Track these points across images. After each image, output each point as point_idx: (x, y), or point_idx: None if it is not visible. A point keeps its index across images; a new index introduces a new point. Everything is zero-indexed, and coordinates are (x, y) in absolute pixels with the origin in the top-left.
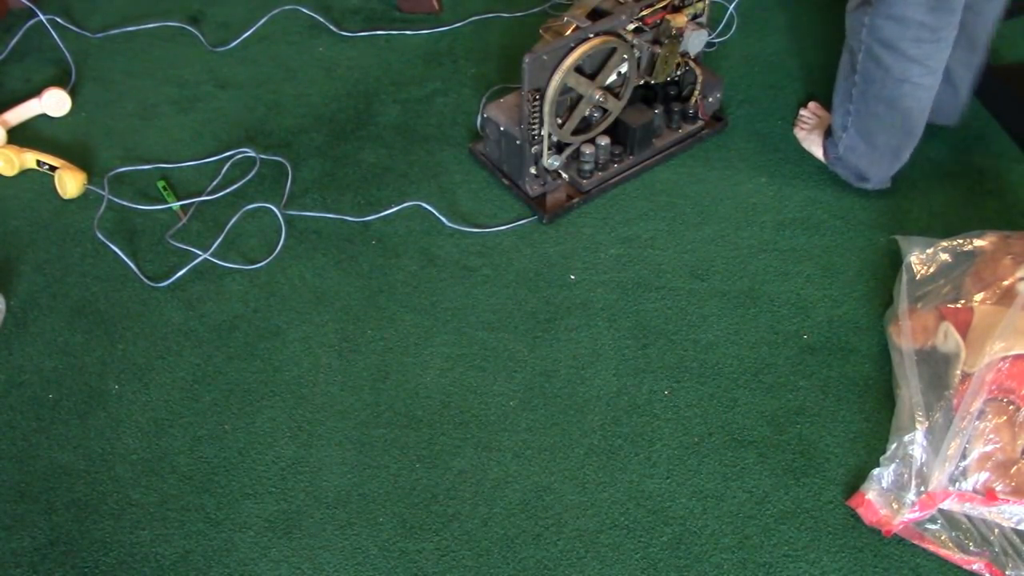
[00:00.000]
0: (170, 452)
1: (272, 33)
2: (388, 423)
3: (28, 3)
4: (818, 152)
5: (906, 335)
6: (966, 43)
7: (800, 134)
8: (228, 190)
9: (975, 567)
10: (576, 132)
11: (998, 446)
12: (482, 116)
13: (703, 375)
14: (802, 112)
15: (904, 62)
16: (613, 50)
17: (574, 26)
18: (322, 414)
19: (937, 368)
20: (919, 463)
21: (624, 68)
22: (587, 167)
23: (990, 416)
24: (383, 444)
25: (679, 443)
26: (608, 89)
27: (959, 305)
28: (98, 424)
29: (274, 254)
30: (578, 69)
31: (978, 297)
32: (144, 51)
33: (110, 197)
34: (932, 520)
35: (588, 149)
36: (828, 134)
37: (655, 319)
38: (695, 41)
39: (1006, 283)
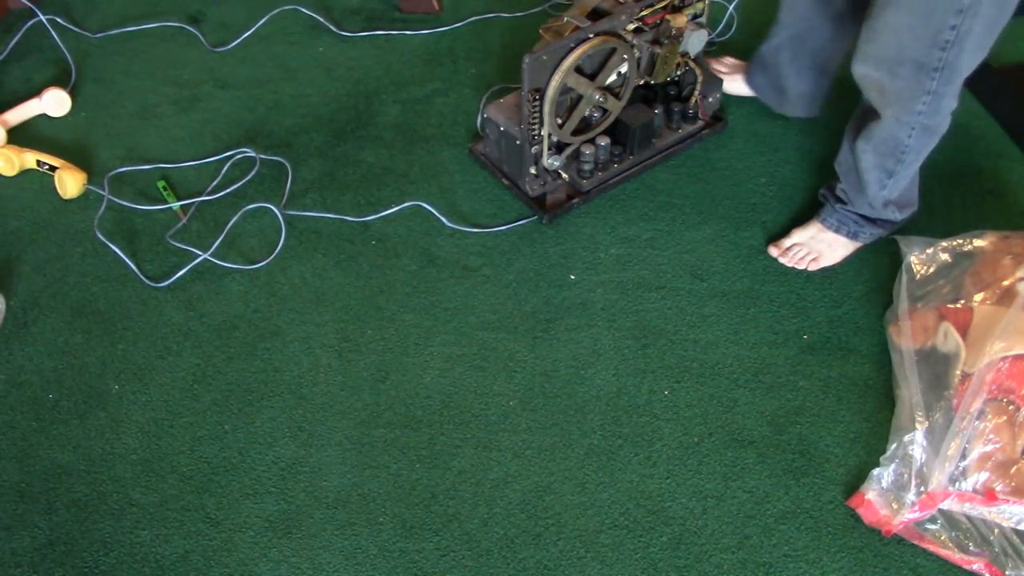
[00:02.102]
0: (170, 452)
1: (272, 33)
2: (388, 423)
3: (28, 3)
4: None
5: (906, 335)
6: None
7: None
8: (228, 190)
9: (975, 567)
10: (576, 132)
11: (998, 446)
12: (482, 116)
13: (703, 375)
14: (719, 67)
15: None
16: (613, 50)
17: (574, 26)
18: (322, 414)
19: (937, 368)
20: (919, 463)
21: (624, 68)
22: (587, 167)
23: (990, 416)
24: (383, 444)
25: (679, 443)
26: (608, 89)
27: (959, 305)
28: (98, 424)
29: (274, 254)
30: (578, 69)
31: (978, 297)
32: (144, 51)
33: (110, 197)
34: (932, 520)
35: (588, 149)
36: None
37: (655, 319)
38: (695, 41)
39: (1006, 283)
